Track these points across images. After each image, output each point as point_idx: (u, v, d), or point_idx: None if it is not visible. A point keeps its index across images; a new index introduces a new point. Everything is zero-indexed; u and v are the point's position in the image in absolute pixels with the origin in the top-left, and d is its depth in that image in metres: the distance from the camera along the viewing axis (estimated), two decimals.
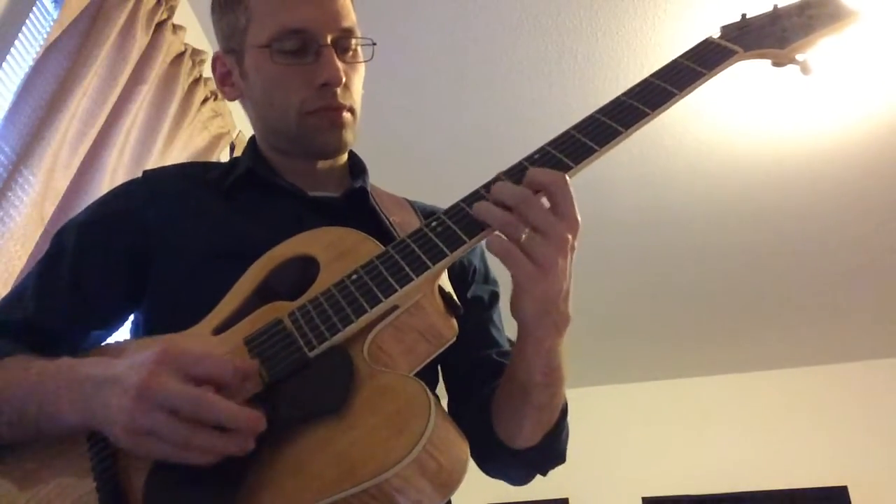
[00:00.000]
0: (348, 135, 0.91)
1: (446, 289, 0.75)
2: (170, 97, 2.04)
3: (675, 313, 3.86)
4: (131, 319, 0.93)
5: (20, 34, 1.63)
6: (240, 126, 2.41)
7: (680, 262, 3.45)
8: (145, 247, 0.87)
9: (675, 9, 2.25)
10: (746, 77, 2.45)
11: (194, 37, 2.20)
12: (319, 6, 0.90)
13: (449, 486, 0.62)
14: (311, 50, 0.89)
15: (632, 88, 0.81)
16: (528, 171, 0.70)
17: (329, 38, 0.89)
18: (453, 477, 0.62)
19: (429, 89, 2.55)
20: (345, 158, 1.01)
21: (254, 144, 0.99)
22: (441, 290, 0.74)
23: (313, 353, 0.67)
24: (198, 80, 2.17)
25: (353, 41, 0.93)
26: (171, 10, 1.99)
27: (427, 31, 2.34)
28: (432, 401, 0.61)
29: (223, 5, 0.95)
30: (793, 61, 0.88)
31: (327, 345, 0.68)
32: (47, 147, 1.54)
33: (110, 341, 0.90)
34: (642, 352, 4.24)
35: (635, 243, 3.32)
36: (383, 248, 0.74)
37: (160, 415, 0.59)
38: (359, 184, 0.95)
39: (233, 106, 2.32)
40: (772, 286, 3.61)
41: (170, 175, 0.99)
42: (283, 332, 0.70)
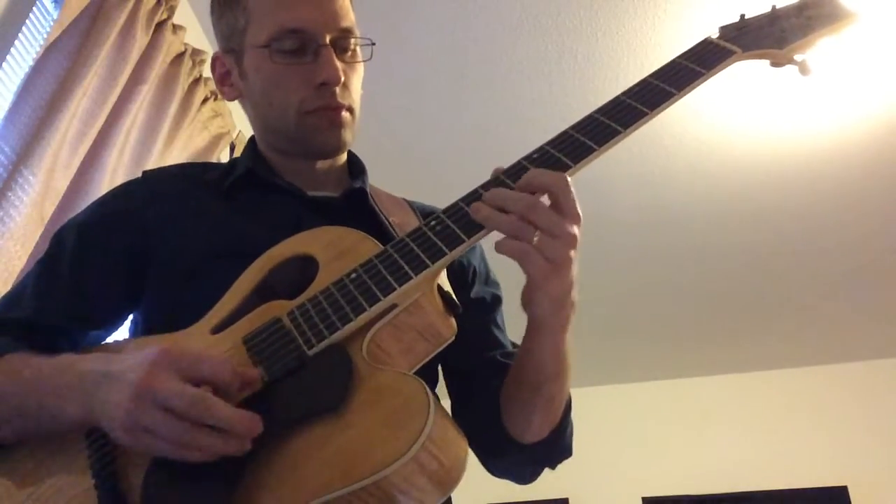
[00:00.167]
0: (347, 134, 0.92)
1: (445, 288, 0.75)
2: (170, 97, 2.04)
3: (675, 313, 3.86)
4: (130, 319, 0.93)
5: (20, 34, 1.63)
6: (240, 126, 2.41)
7: (680, 262, 3.44)
8: (145, 247, 0.88)
9: (675, 9, 2.25)
10: (746, 77, 2.44)
11: (194, 37, 2.20)
12: (318, 6, 0.90)
13: (448, 485, 0.62)
14: (310, 50, 0.89)
15: (631, 88, 0.81)
16: (529, 173, 0.70)
17: (328, 38, 0.89)
18: (452, 475, 0.62)
19: (429, 89, 2.55)
20: (344, 158, 1.01)
21: (253, 145, 0.99)
22: (440, 289, 0.74)
23: (312, 352, 0.67)
24: (198, 80, 2.17)
25: (352, 41, 0.93)
26: (171, 10, 1.99)
27: (427, 31, 2.34)
28: (432, 399, 0.61)
29: (222, 5, 0.95)
30: (791, 62, 0.88)
31: (326, 343, 0.68)
32: (47, 147, 1.54)
33: (109, 341, 0.90)
34: (642, 352, 4.24)
35: (635, 243, 3.32)
36: (382, 247, 0.75)
37: (158, 413, 0.60)
38: (358, 184, 0.95)
39: (233, 106, 2.32)
40: (772, 286, 3.60)
41: (169, 175, 0.99)
42: (282, 330, 0.70)
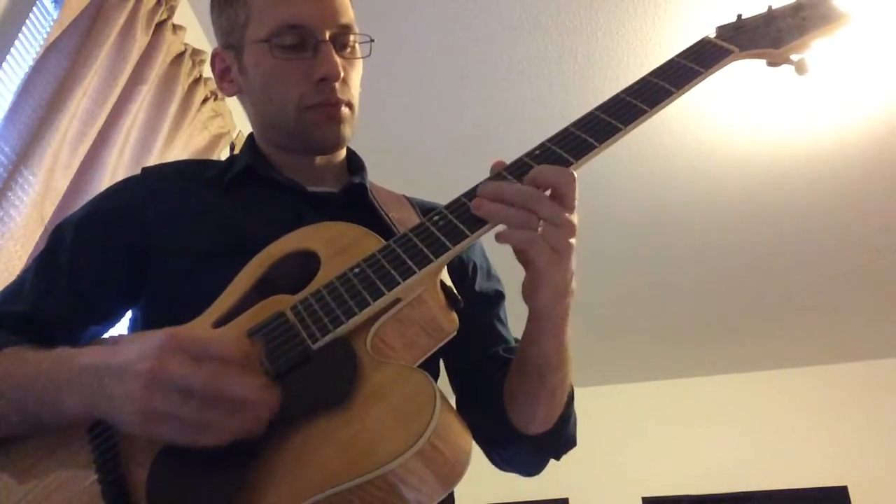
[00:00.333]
0: (346, 130, 0.92)
1: (447, 283, 0.75)
2: (170, 97, 2.04)
3: (675, 313, 3.86)
4: (129, 315, 0.93)
5: (20, 34, 1.63)
6: (240, 126, 2.41)
7: (680, 262, 3.44)
8: (144, 245, 0.88)
9: (675, 9, 2.25)
10: (746, 77, 2.45)
11: (194, 37, 2.21)
12: (318, 2, 0.90)
13: (452, 478, 0.61)
14: (310, 45, 0.89)
15: (630, 86, 0.82)
16: (536, 169, 0.71)
17: (327, 34, 0.89)
18: (456, 469, 0.62)
19: (429, 89, 2.55)
20: (343, 154, 1.01)
21: (252, 141, 1.00)
22: (442, 284, 0.74)
23: (317, 346, 0.67)
24: (198, 80, 2.18)
25: (352, 37, 0.93)
26: (171, 10, 1.99)
27: (427, 31, 2.34)
28: (437, 392, 0.61)
29: (223, 1, 0.96)
30: (787, 61, 0.89)
31: (330, 337, 0.67)
32: (47, 147, 1.54)
33: (107, 336, 0.90)
34: (642, 352, 4.24)
35: (635, 243, 3.32)
36: (384, 242, 0.75)
37: (175, 395, 0.59)
38: (357, 180, 0.96)
39: (233, 106, 2.32)
40: (772, 286, 3.60)
41: (169, 173, 0.99)
42: (286, 324, 0.70)
